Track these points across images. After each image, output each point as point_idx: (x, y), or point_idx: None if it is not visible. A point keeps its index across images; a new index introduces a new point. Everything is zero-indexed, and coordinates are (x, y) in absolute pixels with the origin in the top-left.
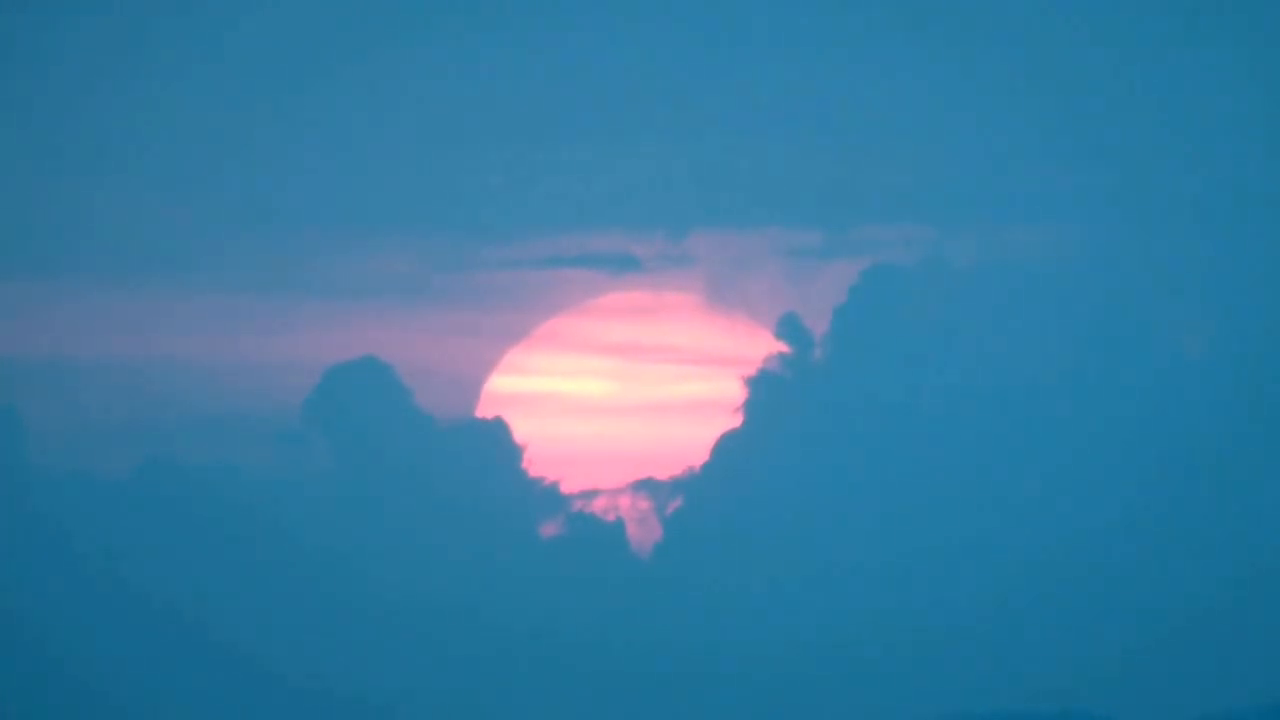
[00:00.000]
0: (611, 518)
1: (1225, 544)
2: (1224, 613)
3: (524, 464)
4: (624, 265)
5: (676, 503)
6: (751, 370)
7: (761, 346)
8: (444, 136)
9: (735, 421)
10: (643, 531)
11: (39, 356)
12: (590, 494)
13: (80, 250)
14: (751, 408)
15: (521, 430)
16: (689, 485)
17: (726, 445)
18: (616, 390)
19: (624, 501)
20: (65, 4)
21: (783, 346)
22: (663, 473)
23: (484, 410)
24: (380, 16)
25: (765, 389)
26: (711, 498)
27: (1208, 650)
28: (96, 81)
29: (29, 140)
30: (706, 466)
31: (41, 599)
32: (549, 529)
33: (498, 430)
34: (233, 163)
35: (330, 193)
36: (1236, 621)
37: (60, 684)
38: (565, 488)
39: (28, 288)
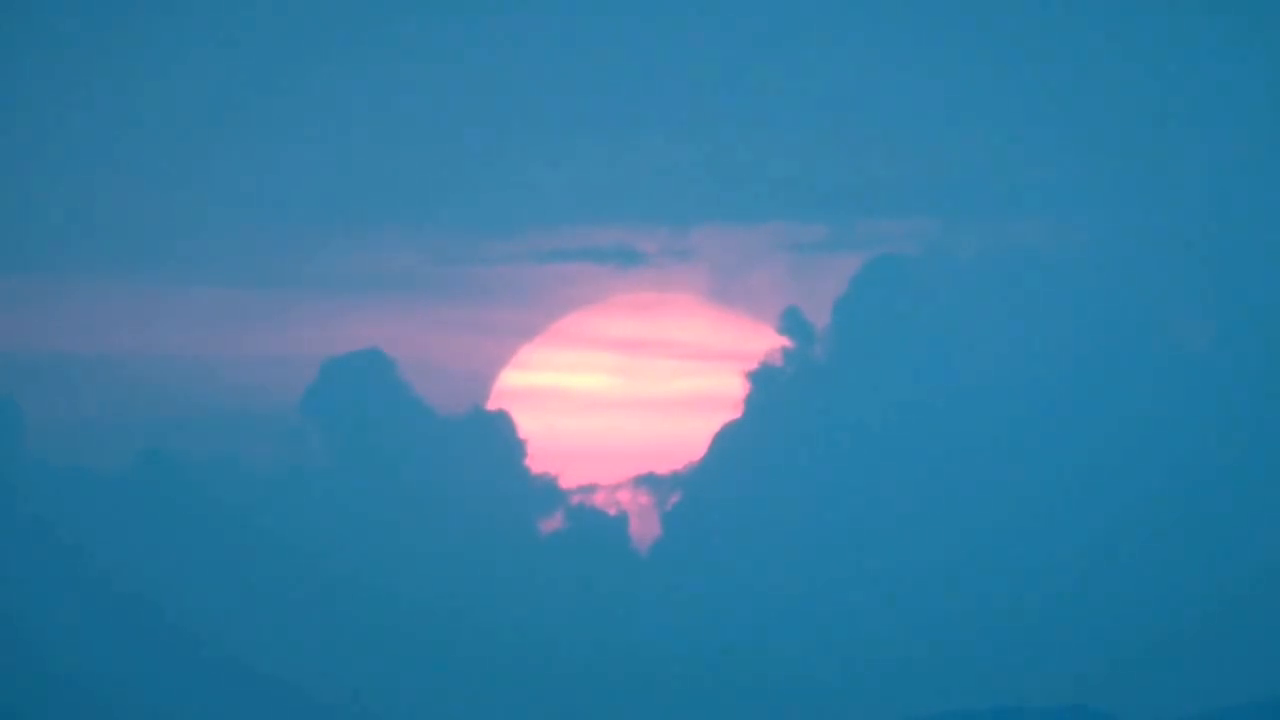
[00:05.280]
0: (613, 512)
1: (1229, 540)
2: (1226, 609)
3: (527, 459)
4: (627, 260)
5: (677, 497)
6: (753, 365)
7: (764, 341)
8: (445, 130)
9: (736, 416)
10: (644, 526)
11: (37, 351)
12: (592, 489)
13: (79, 245)
14: (753, 402)
15: (525, 425)
16: (690, 480)
17: (728, 440)
18: (620, 385)
19: (625, 496)
20: (64, 2)
21: (785, 341)
22: (665, 468)
23: (487, 406)
24: (384, 10)
25: (767, 384)
26: (712, 492)
27: (1210, 646)
28: (95, 77)
29: (27, 136)
30: (707, 461)
31: (39, 592)
32: (551, 524)
33: (500, 425)
34: (233, 158)
35: (332, 187)
36: (1238, 618)
37: (58, 677)
38: (569, 482)
39: (26, 282)
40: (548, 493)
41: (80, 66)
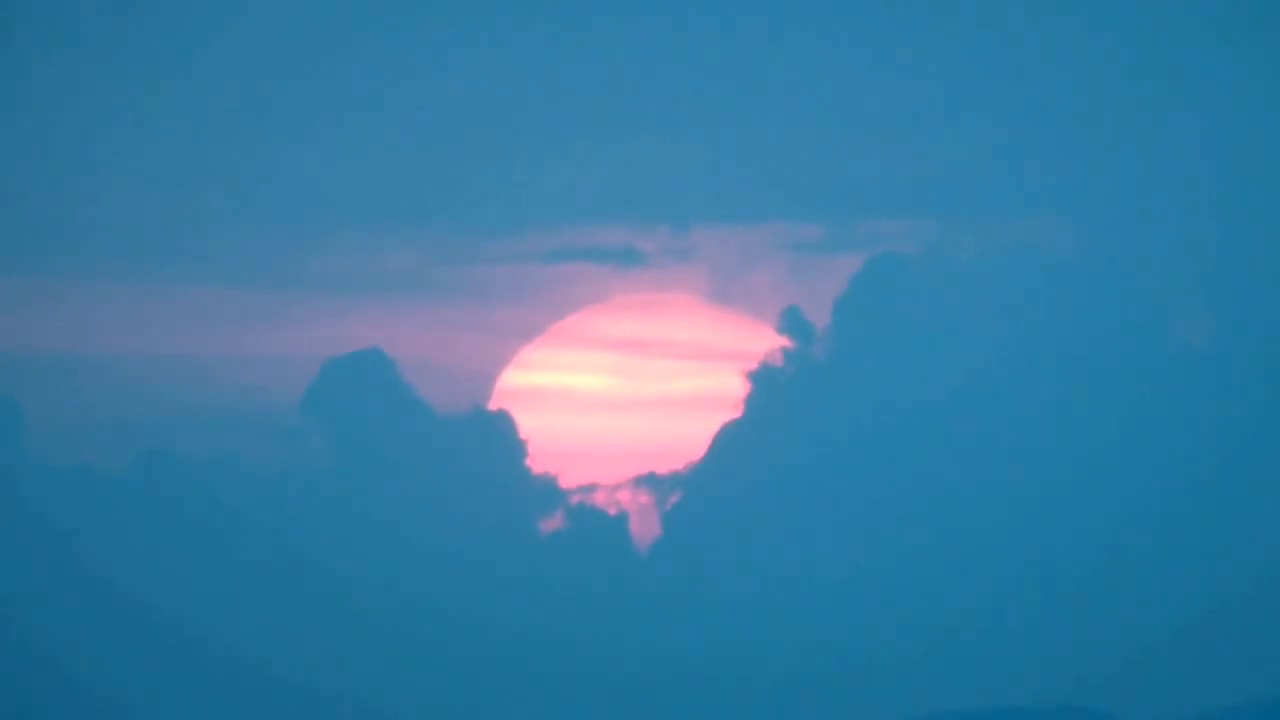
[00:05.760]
0: (613, 512)
1: (1226, 540)
2: (1226, 609)
3: (527, 459)
4: (628, 259)
5: (677, 497)
6: (753, 365)
7: (764, 341)
8: (445, 130)
9: (736, 416)
10: (644, 526)
11: (38, 351)
12: (592, 489)
13: (79, 245)
14: (753, 402)
15: (526, 425)
16: (690, 480)
17: (728, 440)
18: (620, 385)
19: (625, 496)
20: (65, 2)
21: (785, 341)
22: (665, 468)
23: (488, 406)
24: (383, 10)
25: (767, 384)
26: (712, 492)
27: (1210, 646)
28: (96, 77)
29: (28, 137)
30: (707, 461)
31: (39, 592)
32: (551, 524)
33: (501, 425)
34: (234, 158)
35: (332, 187)
36: (1238, 618)
37: (58, 677)
38: (569, 482)
39: (27, 282)
40: (548, 493)
41: (81, 67)
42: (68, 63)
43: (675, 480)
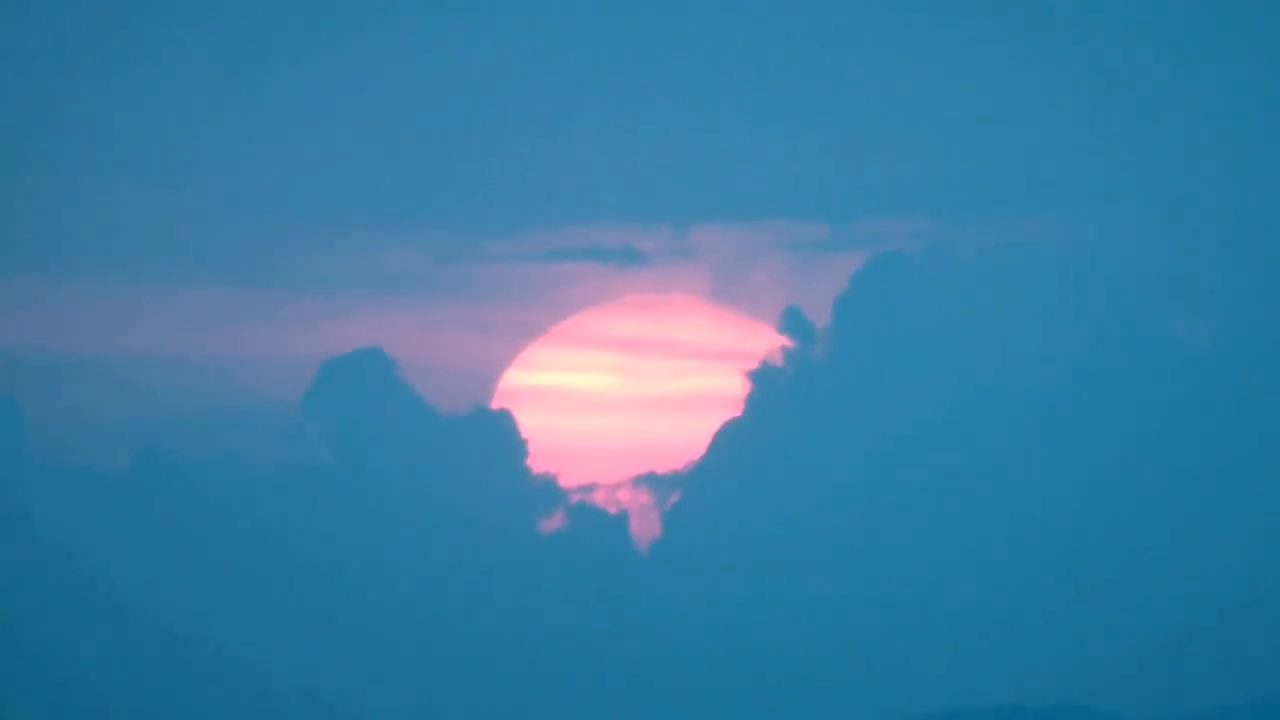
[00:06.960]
0: (613, 512)
1: (1227, 540)
2: (1226, 609)
3: (528, 459)
4: (628, 259)
5: (677, 497)
6: (754, 364)
7: (764, 341)
8: (445, 130)
9: (737, 416)
10: (644, 526)
11: (37, 351)
12: (592, 488)
13: (79, 245)
14: (753, 402)
15: (526, 425)
16: (690, 480)
17: (728, 440)
18: (621, 385)
19: (625, 495)
20: (64, 3)
21: (785, 340)
22: (665, 467)
23: (489, 405)
24: (384, 8)
25: (767, 383)
26: (712, 492)
27: (1210, 646)
28: (95, 77)
29: (26, 136)
30: (707, 461)
31: (38, 592)
32: (551, 523)
33: (501, 424)
34: (233, 157)
35: (332, 187)
36: (1238, 618)
37: (56, 678)
38: (569, 482)
39: (26, 282)
40: (548, 492)
41: (79, 67)
42: (66, 62)
43: (675, 480)
